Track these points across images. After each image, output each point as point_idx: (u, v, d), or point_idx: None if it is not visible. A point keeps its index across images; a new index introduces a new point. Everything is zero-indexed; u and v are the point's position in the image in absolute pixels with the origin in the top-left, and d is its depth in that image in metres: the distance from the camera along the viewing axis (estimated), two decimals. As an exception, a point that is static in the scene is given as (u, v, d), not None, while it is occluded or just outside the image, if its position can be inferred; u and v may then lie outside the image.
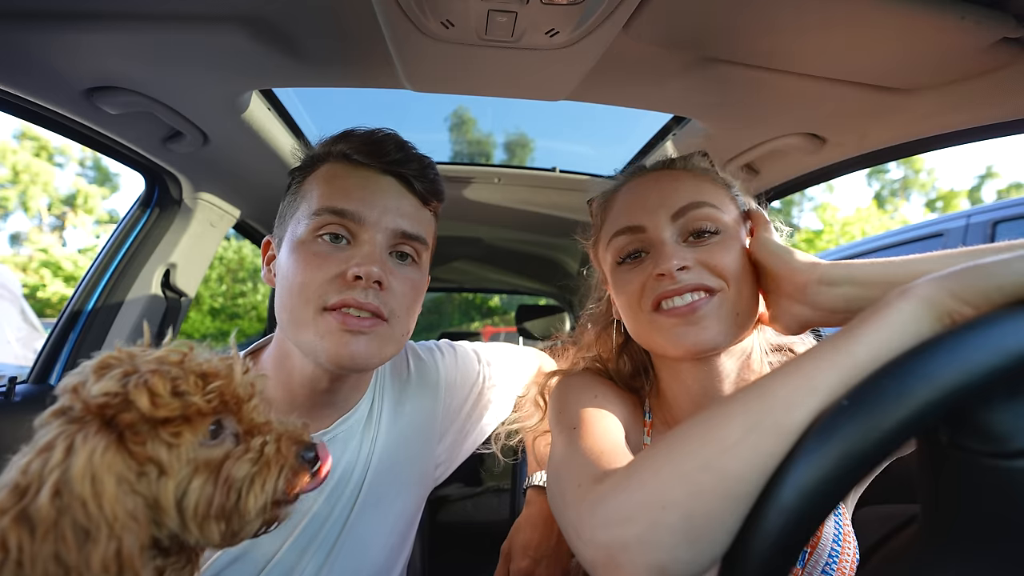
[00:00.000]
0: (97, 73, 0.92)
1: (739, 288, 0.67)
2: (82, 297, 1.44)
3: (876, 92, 0.89)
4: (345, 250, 0.74)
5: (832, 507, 0.36)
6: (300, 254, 0.74)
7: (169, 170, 1.36)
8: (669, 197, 0.71)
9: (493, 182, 1.65)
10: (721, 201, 0.72)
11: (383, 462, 0.88)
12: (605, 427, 0.65)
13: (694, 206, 0.70)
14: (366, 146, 0.79)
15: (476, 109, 2.55)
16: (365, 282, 0.71)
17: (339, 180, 0.77)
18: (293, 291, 0.73)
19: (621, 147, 0.70)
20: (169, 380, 0.42)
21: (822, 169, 1.26)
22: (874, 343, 0.41)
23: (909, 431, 0.35)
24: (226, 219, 1.66)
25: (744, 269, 0.68)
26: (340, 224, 0.74)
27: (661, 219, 0.70)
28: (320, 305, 0.72)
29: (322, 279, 0.72)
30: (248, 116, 1.13)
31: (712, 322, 0.66)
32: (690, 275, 0.67)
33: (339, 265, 0.72)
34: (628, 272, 0.73)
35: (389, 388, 0.95)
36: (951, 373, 0.34)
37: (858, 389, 0.38)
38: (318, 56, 0.91)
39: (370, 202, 0.75)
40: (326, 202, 0.75)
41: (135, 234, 1.48)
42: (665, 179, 0.75)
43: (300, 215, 0.77)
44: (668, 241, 0.69)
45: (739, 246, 0.70)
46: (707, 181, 0.75)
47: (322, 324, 0.71)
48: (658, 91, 0.99)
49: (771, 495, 0.38)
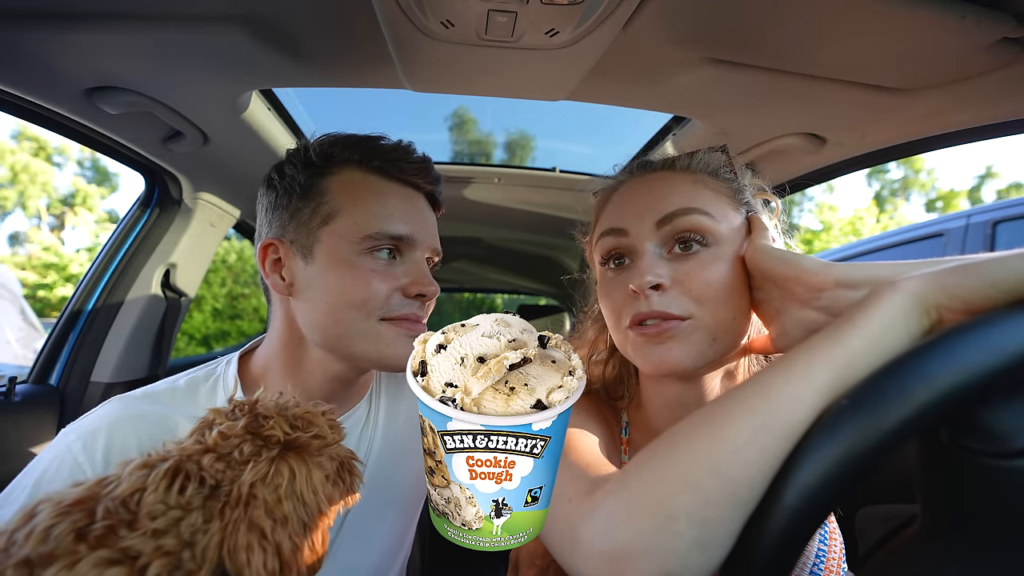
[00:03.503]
0: (97, 73, 0.93)
1: (717, 312, 0.63)
2: (82, 297, 1.44)
3: (876, 92, 0.89)
4: (395, 266, 0.80)
5: (834, 506, 0.36)
6: (355, 270, 0.76)
7: (169, 170, 1.37)
8: (658, 201, 0.67)
9: (493, 182, 1.65)
10: (718, 207, 0.67)
11: (380, 458, 0.89)
12: (589, 443, 0.64)
13: (682, 212, 0.65)
14: (411, 165, 0.82)
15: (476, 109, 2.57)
16: (428, 299, 0.82)
17: (385, 199, 0.80)
18: (351, 305, 0.76)
19: (621, 147, 0.70)
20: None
21: (822, 169, 1.26)
22: (867, 336, 0.41)
23: (909, 431, 0.35)
24: (226, 219, 1.66)
25: (730, 288, 0.64)
26: (393, 244, 0.79)
27: (645, 225, 0.66)
28: (381, 316, 0.77)
29: (384, 293, 0.77)
30: (248, 116, 1.13)
31: (677, 345, 0.63)
32: (660, 299, 0.63)
33: (395, 280, 0.79)
34: (612, 279, 0.71)
35: (386, 386, 0.97)
36: (951, 373, 0.34)
37: (858, 389, 0.38)
38: (318, 56, 0.91)
39: (419, 226, 0.82)
40: (384, 226, 0.78)
41: (135, 234, 1.48)
42: (661, 181, 0.71)
43: (343, 228, 0.77)
44: (647, 252, 0.66)
45: (729, 260, 0.65)
46: (708, 185, 0.69)
47: (386, 332, 0.78)
48: (658, 91, 0.99)
49: (774, 495, 0.38)
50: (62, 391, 1.39)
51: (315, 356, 0.81)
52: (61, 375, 1.40)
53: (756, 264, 0.63)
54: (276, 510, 0.41)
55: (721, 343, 0.65)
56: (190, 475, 0.40)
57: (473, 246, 2.50)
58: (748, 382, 0.44)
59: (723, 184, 0.70)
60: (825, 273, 0.55)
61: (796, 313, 0.59)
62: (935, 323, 0.41)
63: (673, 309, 0.63)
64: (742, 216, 0.69)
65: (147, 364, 1.54)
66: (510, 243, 2.41)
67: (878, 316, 0.41)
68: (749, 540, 0.39)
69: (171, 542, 0.36)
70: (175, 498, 0.38)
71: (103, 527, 0.34)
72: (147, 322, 1.51)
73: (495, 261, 2.89)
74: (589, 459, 0.58)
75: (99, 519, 0.35)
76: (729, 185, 0.71)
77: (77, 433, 0.69)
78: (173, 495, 0.38)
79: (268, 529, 0.39)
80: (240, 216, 1.71)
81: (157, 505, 0.37)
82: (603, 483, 0.48)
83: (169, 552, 0.35)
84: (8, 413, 1.22)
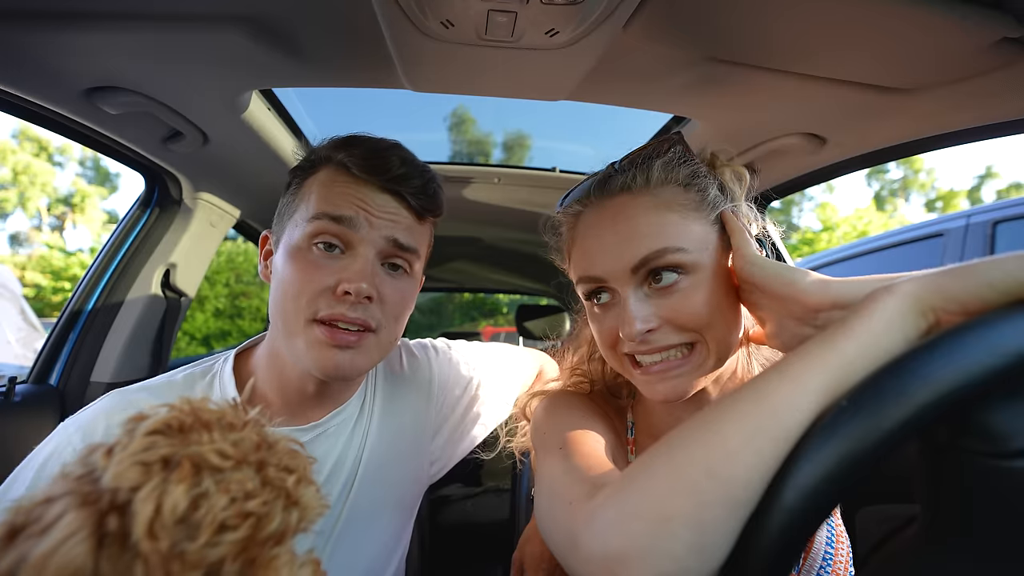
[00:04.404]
0: (97, 73, 0.93)
1: (716, 334, 0.63)
2: (82, 297, 1.44)
3: (876, 92, 0.89)
4: (338, 260, 0.75)
5: (833, 507, 0.36)
6: (295, 261, 0.75)
7: (169, 170, 1.37)
8: (626, 247, 0.63)
9: (493, 182, 1.65)
10: (687, 234, 0.63)
11: (375, 456, 0.89)
12: (594, 446, 0.64)
13: (654, 256, 0.62)
14: (368, 161, 0.78)
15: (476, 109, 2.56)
16: (355, 298, 0.73)
17: (338, 187, 0.77)
18: (287, 298, 0.74)
19: (621, 147, 0.69)
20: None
21: (822, 169, 1.26)
22: (863, 339, 0.41)
23: (909, 431, 0.35)
24: (226, 219, 1.66)
25: (719, 308, 0.63)
26: (335, 234, 0.74)
27: (619, 271, 0.64)
28: (310, 316, 0.73)
29: (314, 290, 0.73)
30: (248, 116, 1.13)
31: (687, 378, 0.64)
32: (657, 336, 0.63)
33: (331, 276, 0.73)
34: (599, 315, 0.70)
35: (382, 384, 0.96)
36: (950, 373, 0.34)
37: (857, 389, 0.38)
38: (318, 56, 0.91)
39: (366, 214, 0.76)
40: (324, 207, 0.75)
41: (135, 234, 1.49)
42: (622, 216, 0.66)
43: (298, 218, 0.78)
44: (631, 298, 0.64)
45: (711, 280, 0.63)
46: (671, 206, 0.65)
47: (311, 334, 0.73)
48: (658, 91, 0.99)
49: (773, 496, 0.38)
50: (62, 391, 1.39)
51: (285, 353, 0.79)
52: (61, 375, 1.40)
53: (747, 276, 0.62)
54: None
55: (723, 357, 0.65)
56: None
57: (472, 246, 2.50)
58: (744, 387, 0.44)
59: (686, 195, 0.66)
60: (822, 294, 0.55)
61: (792, 328, 0.58)
62: (932, 326, 0.41)
63: (672, 340, 0.63)
64: (713, 225, 0.66)
65: (147, 364, 1.54)
66: (509, 243, 2.41)
67: (874, 319, 0.41)
68: (748, 542, 0.39)
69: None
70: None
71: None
72: (147, 322, 1.51)
73: (495, 261, 2.89)
74: (591, 461, 0.58)
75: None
76: (692, 193, 0.66)
77: (76, 425, 0.70)
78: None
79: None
80: (240, 216, 1.71)
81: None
82: (603, 487, 0.48)
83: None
84: (8, 413, 1.22)
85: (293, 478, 0.39)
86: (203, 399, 0.41)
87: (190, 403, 0.40)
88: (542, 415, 0.77)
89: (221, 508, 0.34)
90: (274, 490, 0.37)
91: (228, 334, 14.93)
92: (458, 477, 2.29)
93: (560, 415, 0.73)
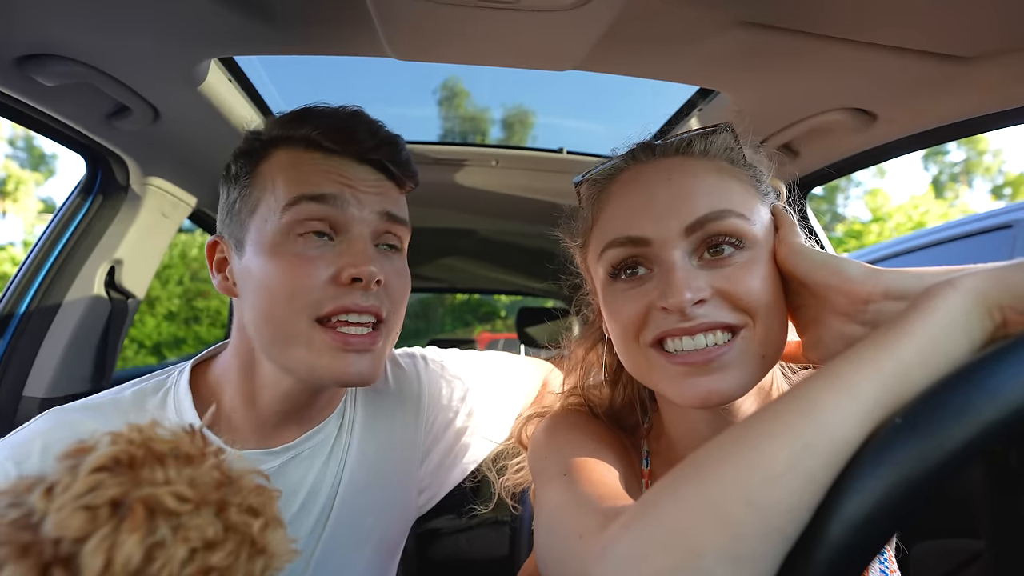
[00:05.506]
0: (31, 39, 0.92)
1: (768, 322, 0.62)
2: (13, 299, 1.44)
3: (933, 60, 0.89)
4: (331, 248, 0.76)
5: (885, 542, 0.36)
6: (278, 258, 0.74)
7: (114, 151, 1.36)
8: (683, 202, 0.63)
9: (490, 165, 1.66)
10: (748, 204, 0.65)
11: (355, 484, 0.88)
12: (602, 472, 0.63)
13: (715, 216, 0.62)
14: (337, 132, 0.78)
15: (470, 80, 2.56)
16: (365, 284, 0.74)
17: (308, 165, 0.77)
18: (278, 302, 0.74)
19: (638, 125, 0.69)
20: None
21: (871, 150, 1.26)
22: (921, 342, 0.41)
23: (973, 453, 0.34)
24: (180, 208, 1.66)
25: (775, 294, 0.63)
26: (321, 217, 0.75)
27: (672, 232, 0.63)
28: (314, 315, 0.74)
29: (314, 285, 0.73)
30: (205, 88, 1.12)
31: (732, 371, 0.61)
32: (705, 309, 0.61)
33: (328, 266, 0.74)
34: (624, 292, 0.66)
35: (362, 400, 0.96)
36: (1022, 386, 0.34)
37: (913, 405, 0.38)
38: (286, 19, 0.91)
39: (351, 190, 0.76)
40: (300, 189, 0.75)
41: (74, 226, 1.48)
42: (679, 172, 0.66)
43: (264, 210, 0.77)
44: (679, 263, 0.62)
45: (767, 262, 0.63)
46: (734, 175, 0.67)
47: (318, 340, 0.74)
48: (683, 59, 0.99)
49: (816, 528, 0.38)
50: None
51: (266, 368, 0.80)
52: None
53: (792, 267, 0.62)
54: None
55: (770, 360, 0.64)
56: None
57: (466, 239, 2.50)
58: (783, 398, 0.44)
59: (744, 172, 0.69)
60: (873, 283, 0.55)
61: (837, 327, 0.58)
62: (999, 327, 0.41)
63: (722, 318, 0.61)
64: (767, 208, 0.68)
65: (89, 376, 1.54)
66: (509, 236, 2.42)
67: (935, 319, 0.41)
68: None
69: None
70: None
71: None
72: (89, 327, 1.51)
73: (492, 257, 2.89)
74: (602, 490, 0.58)
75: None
76: (750, 173, 0.70)
77: (8, 450, 0.70)
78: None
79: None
80: (196, 205, 1.71)
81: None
82: (618, 515, 0.47)
83: None
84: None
85: (259, 523, 0.39)
86: (153, 424, 0.41)
87: (140, 431, 0.40)
88: (542, 438, 0.76)
89: (180, 562, 0.34)
90: (237, 536, 0.38)
91: (183, 341, 14.92)
92: (448, 507, 2.29)
93: (563, 437, 0.73)
